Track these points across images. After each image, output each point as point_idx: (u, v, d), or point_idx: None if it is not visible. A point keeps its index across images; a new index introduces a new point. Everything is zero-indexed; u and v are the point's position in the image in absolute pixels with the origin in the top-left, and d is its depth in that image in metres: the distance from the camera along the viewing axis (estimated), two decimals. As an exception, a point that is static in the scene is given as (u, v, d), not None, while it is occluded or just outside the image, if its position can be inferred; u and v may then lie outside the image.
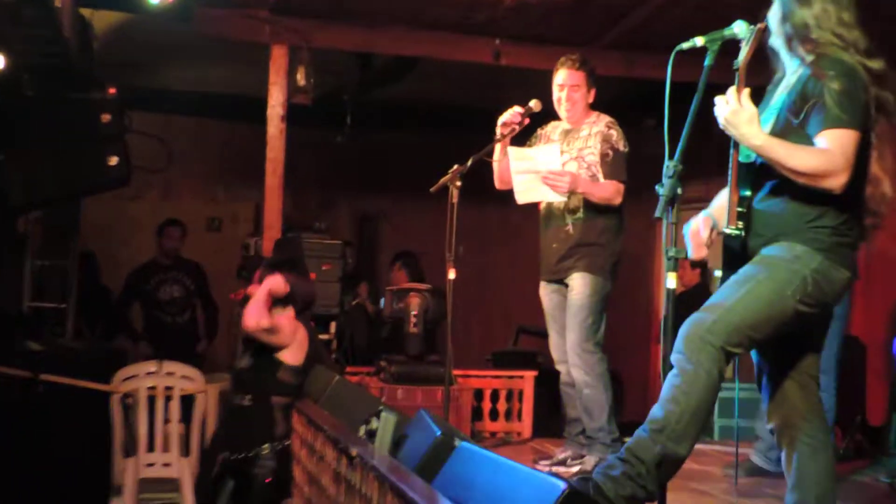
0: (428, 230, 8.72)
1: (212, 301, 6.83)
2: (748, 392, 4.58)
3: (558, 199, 4.31)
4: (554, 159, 4.26)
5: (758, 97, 2.69)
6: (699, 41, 2.64)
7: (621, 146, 4.37)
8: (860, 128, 2.55)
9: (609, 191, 4.32)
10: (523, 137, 4.51)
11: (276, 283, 4.13)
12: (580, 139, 4.40)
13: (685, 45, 2.66)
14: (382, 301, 5.41)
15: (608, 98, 4.75)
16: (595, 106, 4.52)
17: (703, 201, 2.99)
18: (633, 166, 4.41)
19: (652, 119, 7.08)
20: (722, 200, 2.81)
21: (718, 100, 2.58)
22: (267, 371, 4.07)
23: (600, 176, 4.34)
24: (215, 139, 8.48)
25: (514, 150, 4.34)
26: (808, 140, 2.58)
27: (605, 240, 4.38)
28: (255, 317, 4.03)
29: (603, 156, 4.33)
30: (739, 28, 2.63)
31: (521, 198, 4.37)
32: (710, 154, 2.94)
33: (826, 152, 2.52)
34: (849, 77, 2.56)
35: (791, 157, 2.53)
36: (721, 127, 2.60)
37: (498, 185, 4.56)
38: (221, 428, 4.60)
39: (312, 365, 4.11)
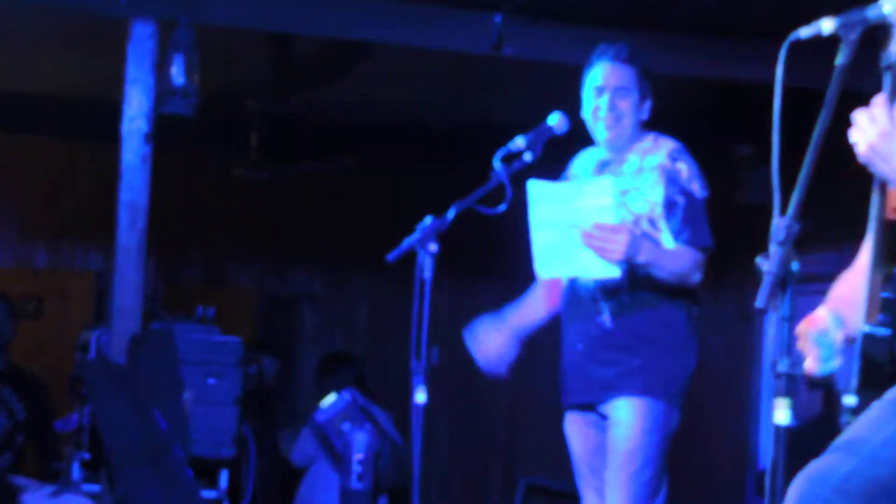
0: (381, 321, 8.68)
1: (55, 446, 6.65)
2: None
3: (608, 274, 4.27)
4: (602, 204, 4.23)
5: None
6: (827, 26, 2.64)
7: (697, 188, 4.37)
8: None
9: (684, 262, 4.32)
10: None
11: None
12: (625, 175, 4.42)
13: (805, 32, 2.66)
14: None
15: (676, 112, 4.77)
16: (653, 125, 4.54)
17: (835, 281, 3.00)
18: (717, 221, 4.41)
19: (748, 147, 7.11)
20: (853, 285, 2.81)
21: (859, 117, 2.59)
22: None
23: (663, 236, 4.35)
24: (36, 169, 8.47)
25: (536, 186, 4.35)
26: None
27: (670, 341, 4.39)
28: None
29: (669, 205, 4.33)
30: (893, 5, 2.60)
31: (546, 269, 4.40)
32: (848, 206, 2.95)
33: None
34: None
35: None
36: (862, 160, 2.60)
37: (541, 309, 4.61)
38: None
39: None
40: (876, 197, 2.68)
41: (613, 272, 4.23)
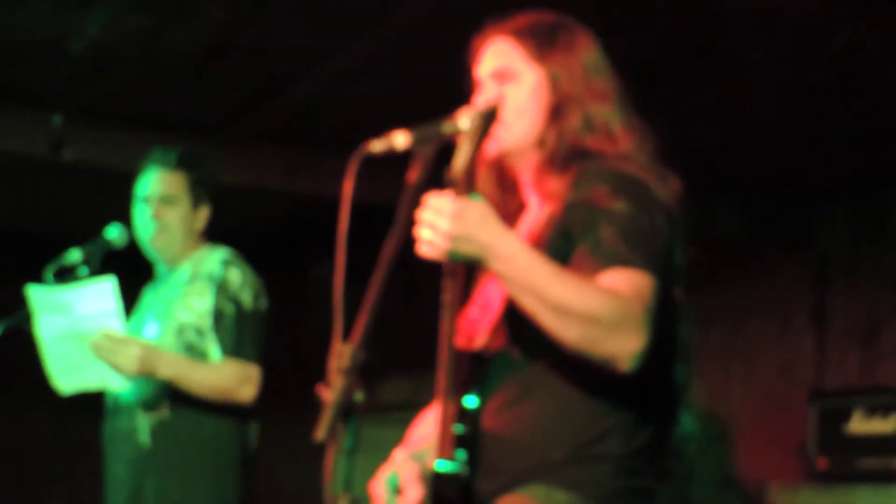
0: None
1: None
2: None
3: (126, 387, 4.18)
4: (107, 310, 4.12)
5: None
6: (401, 140, 2.61)
7: (247, 299, 4.31)
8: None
9: (221, 378, 4.22)
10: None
11: None
12: (172, 286, 4.35)
13: (377, 146, 2.63)
14: None
15: (253, 225, 4.69)
16: (226, 239, 4.48)
17: (413, 409, 2.95)
18: (292, 343, 4.34)
19: (327, 265, 7.16)
20: (431, 423, 2.80)
21: (425, 212, 2.48)
22: None
23: (210, 347, 4.26)
24: None
25: (37, 293, 4.22)
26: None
27: (213, 463, 4.29)
28: None
29: (217, 315, 4.25)
30: (469, 123, 2.60)
31: (66, 382, 4.27)
32: (425, 331, 2.89)
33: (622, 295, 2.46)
34: None
35: (563, 287, 2.42)
36: (441, 257, 2.49)
37: None
38: None
39: None
40: (446, 324, 2.62)
41: (131, 385, 4.17)
